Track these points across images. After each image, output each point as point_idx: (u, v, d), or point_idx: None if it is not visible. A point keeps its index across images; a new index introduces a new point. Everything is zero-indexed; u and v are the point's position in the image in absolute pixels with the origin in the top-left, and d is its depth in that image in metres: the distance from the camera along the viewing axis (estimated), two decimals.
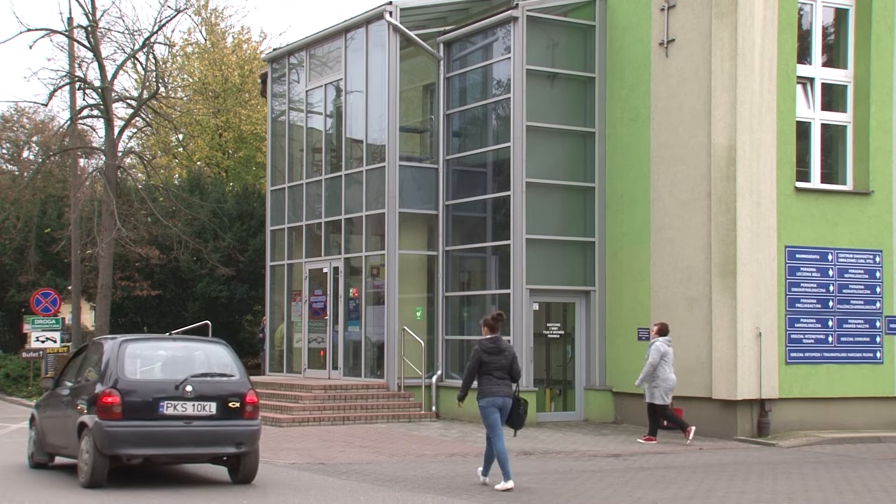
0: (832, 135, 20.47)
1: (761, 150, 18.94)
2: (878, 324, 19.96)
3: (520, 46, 21.06)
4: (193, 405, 12.35)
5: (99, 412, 12.06)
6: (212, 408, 12.40)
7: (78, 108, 31.55)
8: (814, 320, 19.43)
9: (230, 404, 12.50)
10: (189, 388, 12.35)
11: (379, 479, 13.44)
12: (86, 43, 30.30)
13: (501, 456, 12.50)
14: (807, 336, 19.34)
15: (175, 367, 12.75)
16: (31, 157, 44.32)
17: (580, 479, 13.78)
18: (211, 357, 13.12)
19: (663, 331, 18.29)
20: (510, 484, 12.48)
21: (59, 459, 14.06)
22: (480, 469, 13.14)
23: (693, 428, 18.06)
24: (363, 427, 19.97)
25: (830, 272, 19.61)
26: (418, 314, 22.81)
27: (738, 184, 18.71)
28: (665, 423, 18.35)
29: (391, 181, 22.15)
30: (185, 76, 41.38)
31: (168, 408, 12.24)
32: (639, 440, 18.12)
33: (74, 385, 13.31)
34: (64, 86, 31.19)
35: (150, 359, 12.95)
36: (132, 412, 12.10)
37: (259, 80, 33.20)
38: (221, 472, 13.39)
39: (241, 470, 12.76)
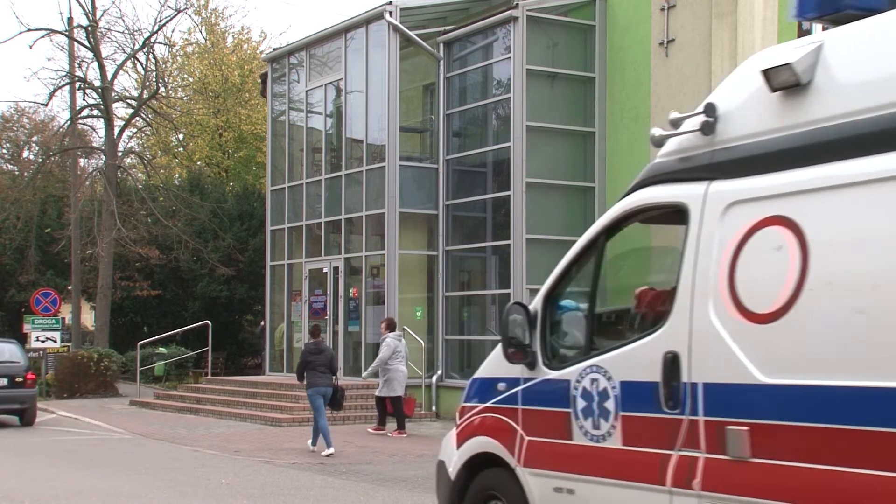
0: None
1: None
2: None
3: (520, 46, 21.05)
4: None
5: None
6: (4, 382, 20.32)
7: (78, 108, 31.60)
8: None
9: (16, 379, 20.46)
10: None
11: (379, 479, 13.44)
12: (86, 43, 30.36)
13: (324, 430, 16.02)
14: None
15: None
16: (31, 157, 44.38)
17: None
18: (8, 351, 21.22)
19: (392, 326, 19.16)
20: (331, 450, 15.77)
21: None
22: (309, 441, 16.41)
23: (406, 434, 18.46)
24: (363, 426, 19.96)
25: None
26: (418, 314, 22.81)
27: None
28: (390, 410, 18.90)
29: (391, 181, 22.15)
30: (185, 76, 41.41)
31: None
32: (388, 434, 18.63)
33: None
34: (64, 86, 31.26)
35: None
36: None
37: (259, 80, 33.19)
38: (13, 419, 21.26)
39: (25, 418, 20.87)
